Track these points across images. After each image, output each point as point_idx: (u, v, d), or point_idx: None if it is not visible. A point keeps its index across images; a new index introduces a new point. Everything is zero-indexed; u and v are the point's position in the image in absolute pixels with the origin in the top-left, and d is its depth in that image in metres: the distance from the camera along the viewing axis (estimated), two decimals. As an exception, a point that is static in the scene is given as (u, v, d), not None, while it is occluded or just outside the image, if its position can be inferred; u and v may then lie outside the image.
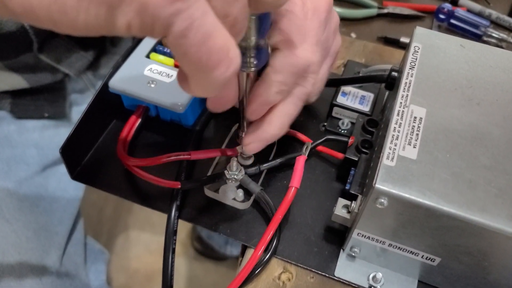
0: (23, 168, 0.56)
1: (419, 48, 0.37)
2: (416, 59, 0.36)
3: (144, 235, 1.15)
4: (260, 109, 0.34)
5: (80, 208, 0.63)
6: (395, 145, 0.31)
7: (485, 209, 0.28)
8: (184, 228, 0.34)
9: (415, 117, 0.32)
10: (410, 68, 0.35)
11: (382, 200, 0.29)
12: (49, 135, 0.59)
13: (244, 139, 0.35)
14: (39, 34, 0.49)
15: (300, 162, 0.37)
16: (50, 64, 0.53)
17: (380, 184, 0.28)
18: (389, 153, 0.30)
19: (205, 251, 1.10)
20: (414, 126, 0.32)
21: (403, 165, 0.30)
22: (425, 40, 0.38)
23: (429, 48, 0.37)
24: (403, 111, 0.33)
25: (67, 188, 0.60)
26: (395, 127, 0.32)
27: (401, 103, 0.33)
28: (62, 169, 0.40)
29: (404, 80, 0.35)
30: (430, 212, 0.28)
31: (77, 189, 0.61)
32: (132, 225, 1.17)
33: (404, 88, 0.34)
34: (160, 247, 0.37)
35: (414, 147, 0.31)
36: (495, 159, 0.30)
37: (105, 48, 0.60)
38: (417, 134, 0.31)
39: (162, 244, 0.37)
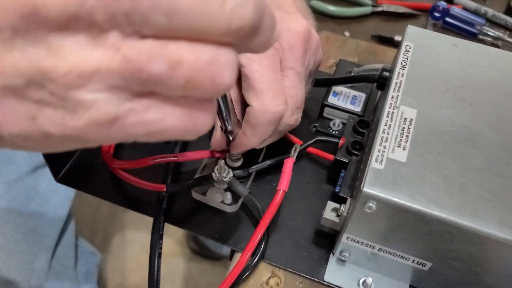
0: (13, 169, 0.56)
1: (410, 48, 0.36)
2: (407, 58, 0.35)
3: (140, 234, 1.14)
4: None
5: (75, 207, 0.62)
6: (384, 148, 0.30)
7: (477, 213, 0.27)
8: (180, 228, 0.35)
9: (405, 118, 0.31)
10: (401, 68, 0.35)
11: (371, 204, 0.28)
12: (40, 135, 0.58)
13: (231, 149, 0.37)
14: None
15: (289, 164, 0.36)
16: None
17: (368, 188, 0.28)
18: (378, 155, 0.29)
19: (201, 251, 1.10)
20: (404, 127, 0.31)
21: (392, 168, 0.29)
22: (417, 39, 0.37)
23: (421, 48, 0.36)
24: (393, 112, 0.32)
25: (58, 190, 0.59)
26: (384, 129, 0.31)
27: (391, 104, 0.32)
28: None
29: (394, 80, 0.34)
30: (420, 216, 0.27)
31: (68, 190, 0.61)
32: (128, 224, 1.16)
33: (395, 89, 0.33)
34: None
35: (404, 149, 0.30)
36: (488, 162, 0.29)
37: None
38: (407, 136, 0.30)
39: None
